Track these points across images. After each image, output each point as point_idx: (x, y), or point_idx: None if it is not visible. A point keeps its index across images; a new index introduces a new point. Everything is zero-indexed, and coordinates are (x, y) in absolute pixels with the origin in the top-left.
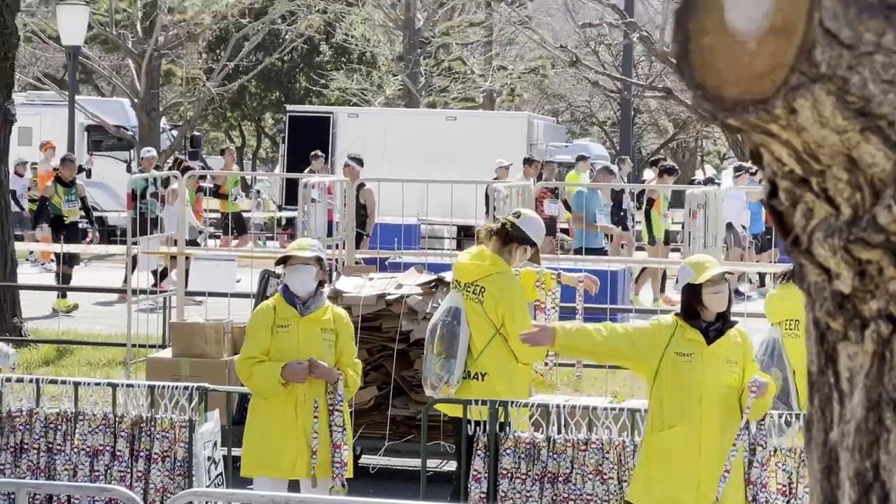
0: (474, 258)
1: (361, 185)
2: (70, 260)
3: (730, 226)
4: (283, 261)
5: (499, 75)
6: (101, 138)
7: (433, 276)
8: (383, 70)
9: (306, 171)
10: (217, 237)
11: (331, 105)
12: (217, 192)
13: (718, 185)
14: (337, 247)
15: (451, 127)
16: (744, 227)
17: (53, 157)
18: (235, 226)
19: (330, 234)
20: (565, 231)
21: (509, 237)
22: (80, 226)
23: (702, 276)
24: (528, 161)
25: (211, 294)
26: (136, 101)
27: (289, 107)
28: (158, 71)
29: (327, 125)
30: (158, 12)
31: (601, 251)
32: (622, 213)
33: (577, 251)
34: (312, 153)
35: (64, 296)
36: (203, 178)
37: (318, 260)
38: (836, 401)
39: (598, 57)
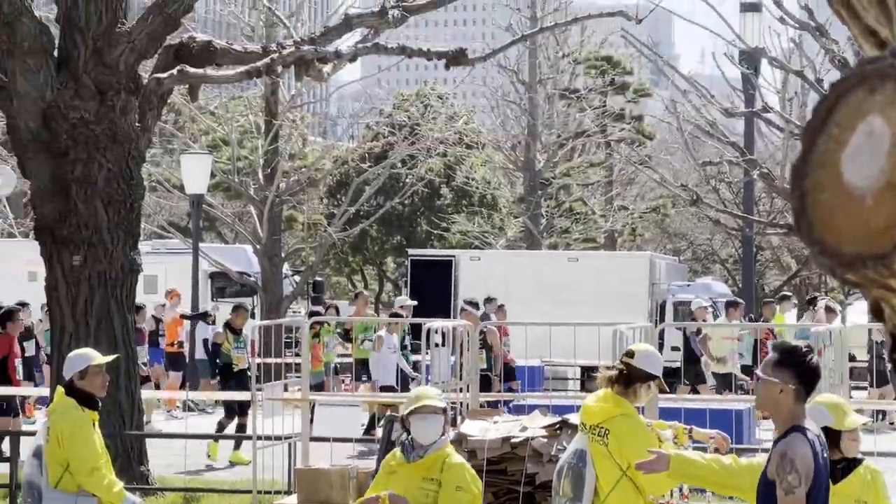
0: (599, 401)
1: (485, 328)
2: (242, 408)
3: None
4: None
5: (620, 215)
6: (225, 285)
7: (558, 419)
8: (504, 212)
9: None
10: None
11: (452, 248)
12: (346, 337)
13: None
14: (461, 390)
15: (572, 268)
16: None
17: (179, 304)
18: (366, 371)
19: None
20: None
21: (630, 378)
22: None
23: (845, 424)
24: (732, 304)
25: (336, 439)
26: (258, 247)
27: (410, 251)
28: (280, 217)
29: (449, 268)
30: (279, 159)
31: None
32: None
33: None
34: (486, 298)
35: (238, 446)
36: (322, 323)
37: (444, 410)
38: None
39: (719, 195)
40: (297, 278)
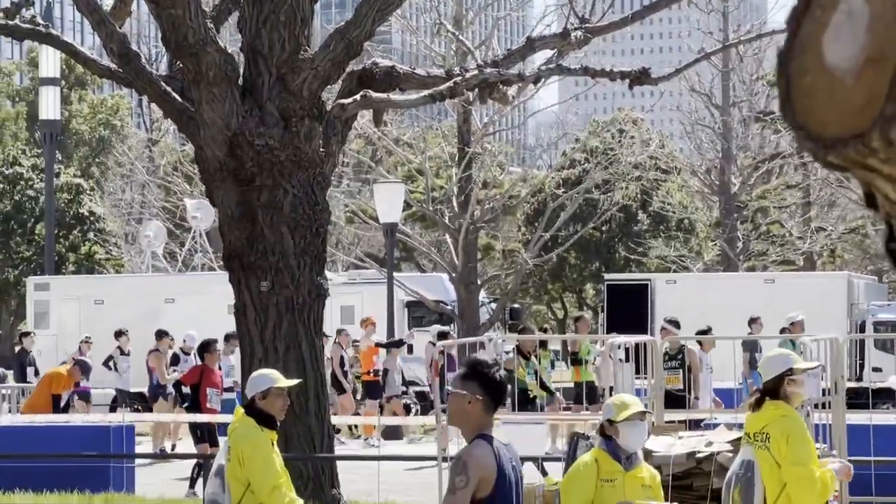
0: (760, 410)
1: (683, 347)
2: None
3: None
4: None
5: (818, 237)
6: (422, 314)
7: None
8: (701, 236)
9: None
10: (569, 408)
11: (650, 273)
12: (574, 359)
13: None
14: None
15: (769, 289)
16: None
17: (374, 332)
18: (587, 394)
19: (639, 394)
20: None
21: (769, 389)
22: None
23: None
24: None
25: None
26: (454, 275)
27: (607, 276)
28: (476, 245)
29: (645, 292)
30: (473, 187)
31: None
32: None
33: None
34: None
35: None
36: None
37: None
38: None
39: None
40: (493, 306)
